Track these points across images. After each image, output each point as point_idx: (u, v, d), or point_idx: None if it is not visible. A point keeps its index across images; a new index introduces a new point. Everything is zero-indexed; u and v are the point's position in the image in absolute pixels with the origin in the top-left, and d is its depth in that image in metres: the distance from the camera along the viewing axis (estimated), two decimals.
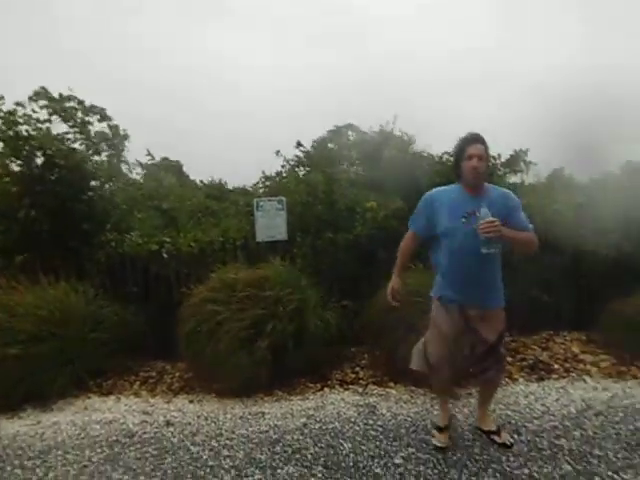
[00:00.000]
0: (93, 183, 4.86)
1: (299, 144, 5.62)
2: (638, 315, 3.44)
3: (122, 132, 16.10)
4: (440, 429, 2.56)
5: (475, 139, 2.27)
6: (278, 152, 5.49)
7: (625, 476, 2.19)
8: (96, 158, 7.00)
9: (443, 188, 2.40)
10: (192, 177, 12.87)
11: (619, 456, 2.34)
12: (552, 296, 4.11)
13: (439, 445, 2.48)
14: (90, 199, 4.61)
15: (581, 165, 5.53)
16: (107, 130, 16.21)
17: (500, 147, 4.80)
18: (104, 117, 15.70)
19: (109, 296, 3.99)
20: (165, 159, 14.70)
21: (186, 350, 3.43)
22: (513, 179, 5.05)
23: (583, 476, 2.19)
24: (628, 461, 2.30)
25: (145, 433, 2.84)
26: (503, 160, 4.95)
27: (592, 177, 5.71)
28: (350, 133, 8.35)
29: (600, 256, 4.13)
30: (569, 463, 2.30)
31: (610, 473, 2.21)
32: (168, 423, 2.96)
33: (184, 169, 14.66)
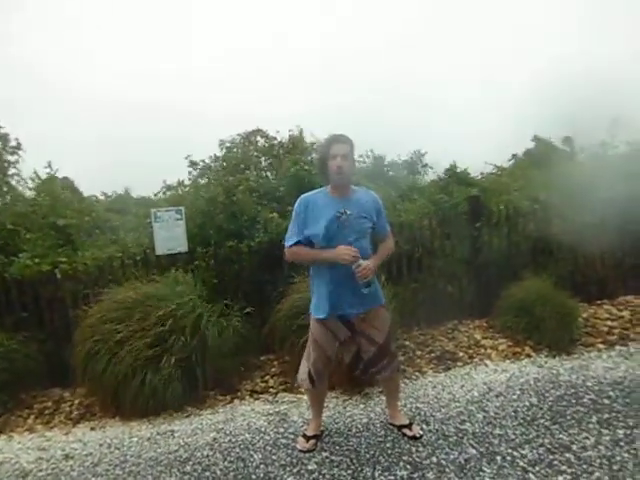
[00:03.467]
0: None
1: (193, 163, 5.46)
2: (527, 298, 3.71)
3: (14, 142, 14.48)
4: (307, 438, 2.55)
5: (338, 139, 2.29)
6: (188, 157, 5.27)
7: (523, 451, 2.30)
8: None
9: (312, 192, 2.38)
10: (85, 192, 11.95)
11: (517, 433, 2.47)
12: (455, 287, 4.34)
13: (302, 450, 2.48)
14: None
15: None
16: None
17: None
18: None
19: None
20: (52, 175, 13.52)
21: (84, 374, 3.16)
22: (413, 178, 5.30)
23: (485, 457, 2.28)
24: (525, 437, 2.43)
25: (40, 471, 2.57)
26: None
27: (484, 172, 6.16)
28: (259, 139, 8.28)
29: (495, 247, 4.45)
30: (473, 447, 2.38)
31: (510, 450, 2.32)
32: (67, 456, 2.70)
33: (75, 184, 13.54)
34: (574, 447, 2.30)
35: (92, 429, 3.02)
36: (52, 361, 3.60)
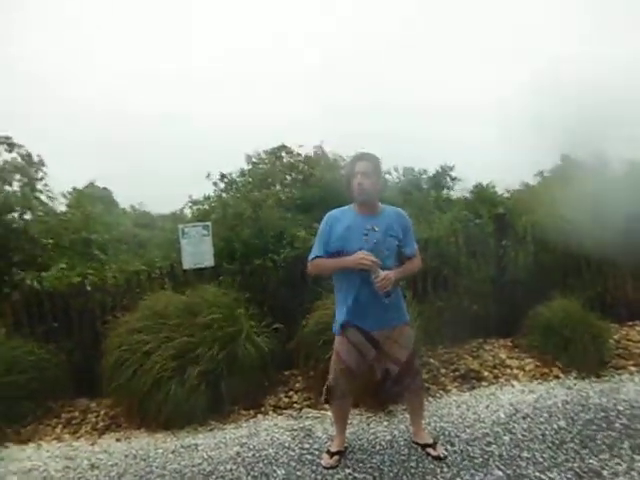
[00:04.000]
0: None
1: (223, 176, 5.59)
2: (554, 317, 3.65)
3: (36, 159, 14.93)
4: (331, 454, 2.55)
5: (361, 157, 2.34)
6: (208, 175, 5.41)
7: (551, 475, 2.26)
8: (7, 188, 6.51)
9: (339, 209, 2.41)
10: (120, 201, 12.31)
11: (545, 456, 2.42)
12: (481, 306, 4.29)
13: (326, 466, 2.48)
14: None
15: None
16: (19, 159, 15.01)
17: None
18: (11, 146, 14.53)
19: (24, 335, 3.69)
20: (90, 185, 13.97)
21: (111, 384, 3.22)
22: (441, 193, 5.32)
23: None
24: (553, 460, 2.38)
25: (67, 479, 2.62)
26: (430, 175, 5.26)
27: (510, 189, 6.12)
28: (284, 155, 8.41)
29: (521, 266, 4.40)
30: (499, 468, 2.34)
31: (537, 474, 2.27)
32: (93, 466, 2.74)
33: (113, 195, 13.93)
34: (605, 473, 2.24)
35: (117, 440, 3.07)
36: (80, 371, 3.68)
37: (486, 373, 3.60)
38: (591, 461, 2.35)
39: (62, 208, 6.87)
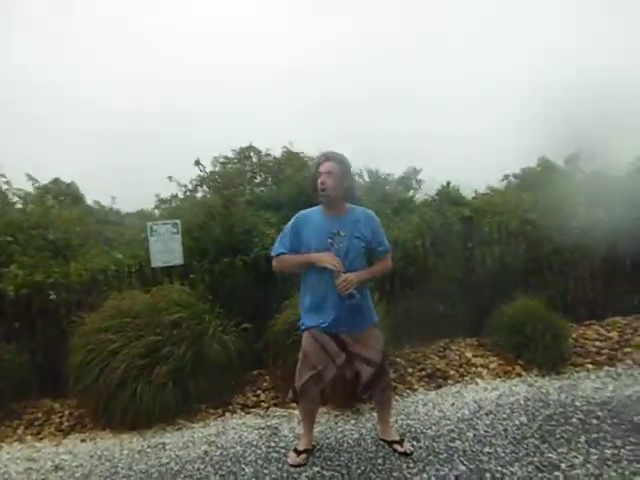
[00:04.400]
0: None
1: (197, 162, 5.51)
2: (517, 317, 3.76)
3: None
4: (298, 452, 2.55)
5: (325, 156, 2.35)
6: (171, 178, 5.36)
7: (512, 469, 2.32)
8: None
9: (308, 210, 2.40)
10: (88, 197, 11.92)
11: (507, 451, 2.49)
12: (448, 306, 4.38)
13: (293, 464, 2.48)
14: None
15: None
16: None
17: None
18: None
19: None
20: (56, 180, 13.51)
21: (76, 384, 3.14)
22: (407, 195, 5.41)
23: (475, 474, 2.30)
24: (514, 455, 2.45)
25: None
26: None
27: (477, 191, 6.27)
28: (252, 155, 8.36)
29: (487, 267, 4.52)
30: (463, 463, 2.40)
31: (499, 468, 2.34)
32: (57, 468, 2.67)
33: (80, 190, 13.45)
34: (563, 466, 2.33)
35: (82, 441, 2.99)
36: (44, 371, 3.57)
37: (452, 372, 3.67)
38: (550, 455, 2.43)
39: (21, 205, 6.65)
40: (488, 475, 2.28)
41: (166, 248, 3.79)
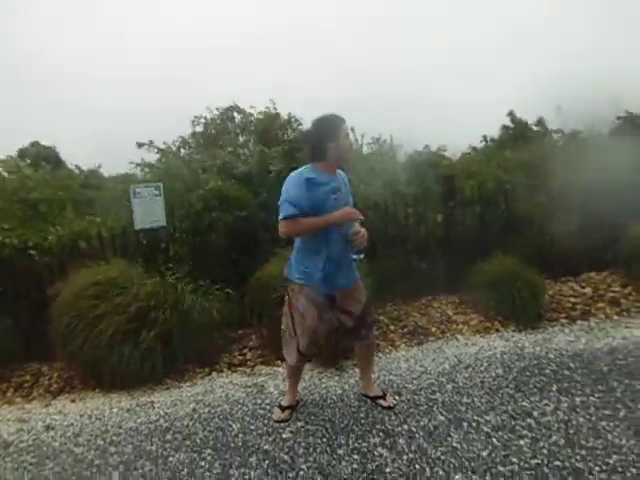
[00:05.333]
0: None
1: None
2: (496, 275, 3.85)
3: None
4: (283, 408, 2.64)
5: (343, 119, 2.32)
6: (151, 142, 5.25)
7: (487, 418, 2.45)
8: None
9: (304, 169, 2.32)
10: (69, 162, 11.59)
11: (483, 401, 2.62)
12: (429, 264, 4.46)
13: (278, 420, 2.57)
14: None
15: None
16: None
17: None
18: None
19: None
20: (35, 143, 13.07)
21: (63, 348, 3.16)
22: None
23: (453, 423, 2.41)
24: (490, 404, 2.58)
25: (22, 442, 2.60)
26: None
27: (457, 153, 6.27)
28: (235, 115, 8.12)
29: (467, 225, 4.59)
30: (442, 414, 2.51)
31: (476, 417, 2.46)
32: (48, 427, 2.73)
33: (60, 155, 13.05)
34: (535, 413, 2.46)
35: (72, 401, 3.05)
36: (29, 336, 3.57)
37: (433, 329, 3.79)
38: (524, 403, 2.57)
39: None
40: (465, 424, 2.40)
41: (149, 210, 3.76)
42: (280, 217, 2.22)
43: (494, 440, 2.25)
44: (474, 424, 2.40)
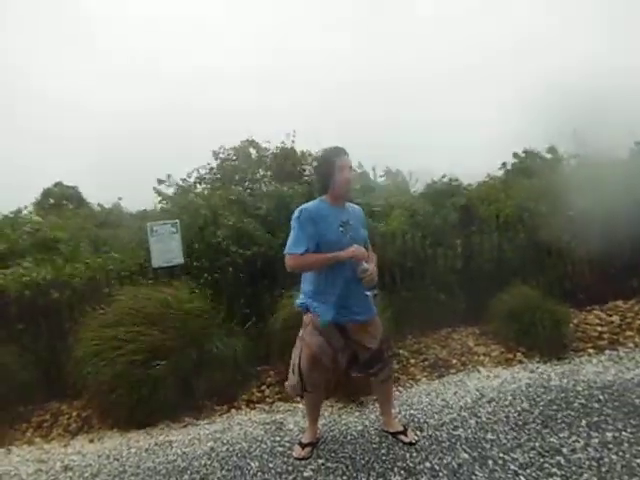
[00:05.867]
0: None
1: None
2: (516, 305, 3.78)
3: None
4: (303, 445, 2.58)
5: (344, 151, 2.36)
6: (169, 176, 5.40)
7: (514, 455, 2.35)
8: None
9: (314, 204, 2.36)
10: (91, 200, 12.11)
11: (508, 437, 2.52)
12: (448, 295, 4.40)
13: (298, 457, 2.51)
14: None
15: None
16: None
17: None
18: None
19: None
20: (59, 184, 13.68)
21: (83, 385, 3.17)
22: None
23: (478, 461, 2.32)
24: (516, 441, 2.48)
25: None
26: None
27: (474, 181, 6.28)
28: (252, 150, 8.33)
29: (486, 255, 4.54)
30: (466, 451, 2.42)
31: (501, 455, 2.36)
32: (66, 468, 2.71)
33: (83, 194, 13.58)
34: (564, 450, 2.35)
35: (90, 441, 3.04)
36: (49, 373, 3.59)
37: (454, 361, 3.70)
38: (552, 439, 2.46)
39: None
40: (490, 462, 2.31)
41: (166, 247, 3.83)
42: (285, 252, 2.28)
43: (522, 479, 2.16)
44: (500, 462, 2.30)
